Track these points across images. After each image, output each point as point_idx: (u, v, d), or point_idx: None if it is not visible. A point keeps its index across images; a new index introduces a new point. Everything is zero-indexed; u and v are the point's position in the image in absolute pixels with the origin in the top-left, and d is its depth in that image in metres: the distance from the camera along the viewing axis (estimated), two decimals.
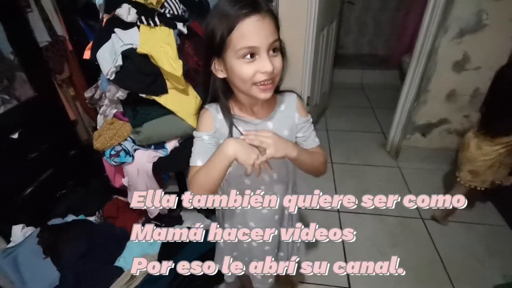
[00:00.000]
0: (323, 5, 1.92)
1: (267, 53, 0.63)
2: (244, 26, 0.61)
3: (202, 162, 0.72)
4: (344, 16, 3.61)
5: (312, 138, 0.84)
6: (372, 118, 2.76)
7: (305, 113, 0.84)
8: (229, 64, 0.65)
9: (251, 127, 0.76)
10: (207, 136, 0.74)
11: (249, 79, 0.65)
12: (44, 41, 1.52)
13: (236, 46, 0.62)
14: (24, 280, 1.21)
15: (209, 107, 0.77)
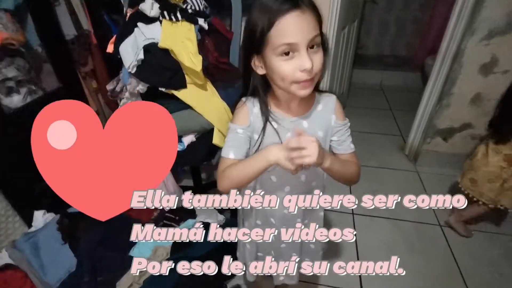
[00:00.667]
0: (345, 2, 1.89)
1: (306, 49, 0.61)
2: (283, 22, 0.60)
3: (234, 154, 0.74)
4: (365, 16, 3.54)
5: (347, 144, 0.82)
6: (391, 120, 2.70)
7: (343, 117, 0.82)
8: (269, 62, 0.65)
9: (285, 124, 0.76)
10: (241, 130, 0.75)
11: (288, 77, 0.64)
12: (70, 34, 1.57)
13: (275, 43, 0.61)
14: (43, 264, 1.26)
15: (246, 100, 0.77)
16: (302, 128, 0.77)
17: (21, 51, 1.56)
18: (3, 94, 1.49)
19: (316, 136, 0.76)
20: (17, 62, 1.53)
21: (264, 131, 0.75)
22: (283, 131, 0.76)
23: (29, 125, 1.45)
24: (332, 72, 2.08)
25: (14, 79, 1.50)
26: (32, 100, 1.45)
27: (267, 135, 0.76)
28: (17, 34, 1.48)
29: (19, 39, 1.49)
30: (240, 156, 0.75)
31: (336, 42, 1.94)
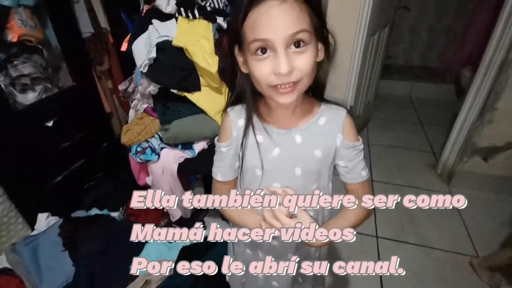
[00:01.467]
0: (377, 6, 1.75)
1: (284, 48, 0.49)
2: (255, 14, 0.48)
3: (221, 177, 0.69)
4: (395, 24, 3.36)
5: (357, 171, 0.66)
6: (421, 135, 2.50)
7: (355, 137, 0.65)
8: (246, 59, 0.54)
9: (273, 136, 0.63)
10: (225, 148, 0.66)
11: (263, 80, 0.52)
12: (87, 32, 1.53)
13: (247, 38, 0.50)
14: (40, 271, 1.19)
15: (230, 111, 0.66)
16: (294, 144, 0.63)
17: (39, 48, 1.53)
18: (17, 91, 1.46)
19: (311, 155, 0.64)
20: (34, 59, 1.50)
21: (245, 144, 0.64)
22: (268, 146, 0.64)
23: (38, 123, 1.42)
24: (359, 80, 1.93)
25: (29, 76, 1.47)
26: (42, 98, 1.41)
27: (249, 147, 0.64)
28: (36, 31, 1.45)
29: (38, 36, 1.47)
30: (228, 177, 0.70)
31: (364, 49, 1.79)
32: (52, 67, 1.58)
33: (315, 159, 0.64)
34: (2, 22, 1.37)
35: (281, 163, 0.64)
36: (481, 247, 1.49)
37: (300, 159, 0.65)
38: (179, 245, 1.34)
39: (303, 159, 0.65)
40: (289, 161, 0.64)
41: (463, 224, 1.64)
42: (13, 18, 1.38)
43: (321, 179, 0.68)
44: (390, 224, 1.66)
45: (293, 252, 0.77)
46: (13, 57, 1.42)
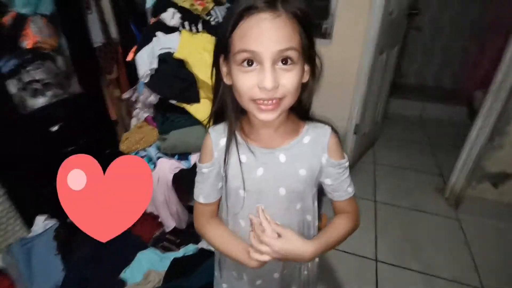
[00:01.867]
0: (386, 26, 1.75)
1: (271, 63, 0.49)
2: (247, 24, 0.48)
3: (203, 199, 0.67)
4: (408, 43, 3.35)
5: (344, 189, 0.65)
6: (429, 156, 2.43)
7: (340, 155, 0.64)
8: (231, 70, 0.53)
9: (257, 155, 0.62)
10: (206, 169, 0.64)
11: (245, 92, 0.51)
12: (98, 42, 1.59)
13: (235, 48, 0.50)
14: (32, 274, 1.19)
15: (211, 131, 0.65)
16: (278, 163, 0.62)
17: (52, 55, 1.60)
18: (28, 96, 1.52)
19: (297, 175, 0.63)
20: (47, 65, 1.56)
21: (227, 163, 0.62)
22: (252, 165, 0.62)
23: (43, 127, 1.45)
24: (366, 98, 1.91)
25: (41, 81, 1.52)
26: (49, 103, 1.45)
27: (232, 167, 0.62)
28: (50, 38, 1.52)
29: (52, 43, 1.53)
30: (210, 199, 0.67)
31: (371, 68, 1.78)
32: (64, 74, 1.64)
33: (300, 178, 0.63)
34: (19, 29, 1.43)
35: (265, 183, 0.63)
36: (487, 279, 1.41)
37: (284, 179, 0.63)
38: (171, 256, 1.33)
39: (287, 179, 0.63)
40: (273, 181, 0.63)
41: (470, 253, 1.56)
42: (29, 26, 1.45)
43: (305, 199, 0.67)
44: (391, 248, 1.60)
45: (279, 272, 0.75)
46: (26, 63, 1.48)
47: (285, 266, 0.76)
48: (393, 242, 1.64)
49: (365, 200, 1.94)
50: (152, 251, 1.35)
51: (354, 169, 2.23)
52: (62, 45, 1.57)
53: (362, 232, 1.69)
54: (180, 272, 1.24)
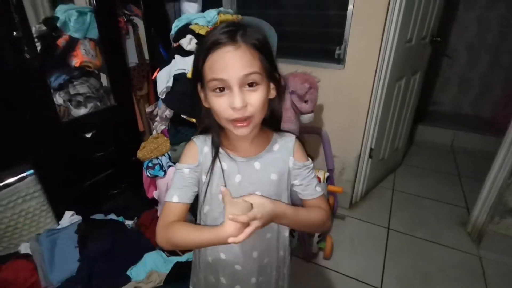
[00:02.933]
0: (403, 54, 1.76)
1: (238, 87, 0.58)
2: (214, 57, 0.58)
3: (178, 198, 0.67)
4: (442, 70, 3.26)
5: (312, 188, 0.74)
6: (456, 187, 2.30)
7: (305, 158, 0.74)
8: (206, 95, 0.63)
9: (235, 164, 0.70)
10: (188, 169, 0.69)
11: (221, 113, 0.61)
12: (133, 62, 1.81)
13: (207, 77, 0.60)
14: (53, 262, 1.35)
15: (195, 139, 0.73)
16: (254, 170, 0.70)
17: (96, 73, 1.85)
18: (73, 106, 1.76)
19: (268, 179, 0.71)
20: (90, 81, 1.81)
21: (212, 169, 0.69)
22: (232, 172, 0.70)
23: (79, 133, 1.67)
24: (382, 125, 1.90)
25: (83, 95, 1.76)
26: (86, 113, 1.67)
27: (215, 174, 0.70)
28: (95, 59, 1.77)
29: (96, 63, 1.78)
30: (185, 199, 0.68)
31: (387, 94, 1.78)
32: (103, 89, 1.88)
33: (272, 182, 0.71)
34: (70, 50, 1.69)
35: (243, 189, 0.70)
36: None
37: (259, 184, 0.71)
38: (175, 260, 1.41)
39: (262, 183, 0.71)
40: (250, 187, 0.70)
41: None
42: (79, 48, 1.71)
43: (281, 200, 0.73)
44: (399, 278, 1.54)
45: (256, 277, 0.80)
46: (73, 78, 1.73)
47: (260, 273, 0.80)
48: (402, 272, 1.57)
49: (377, 226, 1.89)
50: (158, 253, 1.45)
51: (371, 194, 2.18)
52: (104, 64, 1.82)
53: (369, 258, 1.65)
54: (180, 275, 1.32)
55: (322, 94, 1.55)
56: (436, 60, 3.03)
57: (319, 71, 1.62)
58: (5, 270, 1.27)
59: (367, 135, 1.86)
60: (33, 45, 1.38)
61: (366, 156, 1.94)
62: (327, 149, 1.79)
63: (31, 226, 1.47)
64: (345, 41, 1.65)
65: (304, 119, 1.52)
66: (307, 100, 1.47)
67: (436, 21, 2.04)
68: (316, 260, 1.64)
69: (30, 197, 1.44)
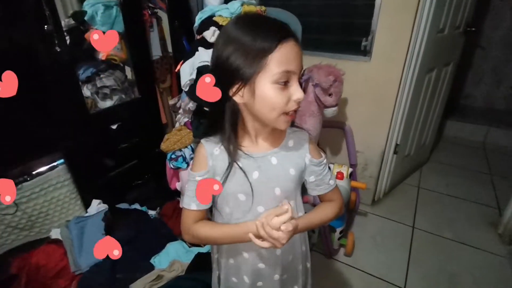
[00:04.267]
0: (435, 44, 1.68)
1: (298, 80, 0.60)
2: (285, 49, 0.58)
3: (196, 206, 0.68)
4: (474, 62, 3.08)
5: (326, 182, 0.75)
6: (487, 187, 2.18)
7: (318, 154, 0.75)
8: (260, 89, 0.59)
9: (251, 160, 0.68)
10: (200, 177, 0.68)
11: (281, 107, 0.60)
12: (156, 55, 1.83)
13: (273, 69, 0.57)
14: (82, 248, 1.41)
15: (204, 142, 0.70)
16: (270, 165, 0.69)
17: (121, 66, 1.89)
18: (99, 99, 1.81)
19: (288, 175, 0.70)
20: (116, 74, 1.85)
21: (230, 171, 0.67)
22: (249, 170, 0.68)
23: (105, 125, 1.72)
24: (408, 118, 1.82)
25: (109, 87, 1.81)
26: (112, 105, 1.71)
27: (232, 173, 0.68)
28: (121, 52, 1.81)
29: (121, 56, 1.81)
30: (202, 206, 0.69)
31: (416, 87, 1.70)
32: (128, 82, 1.92)
33: (291, 177, 0.70)
34: None
35: (261, 185, 0.69)
36: None
37: (278, 179, 0.70)
38: (196, 250, 1.44)
39: (280, 179, 0.70)
40: (268, 182, 0.69)
41: None
42: None
43: (297, 196, 0.75)
44: (424, 278, 1.49)
45: (279, 274, 0.79)
46: (100, 71, 1.78)
47: (285, 270, 0.80)
48: (427, 272, 1.52)
49: (401, 224, 1.83)
50: (180, 243, 1.48)
51: (394, 191, 2.12)
52: (129, 57, 1.86)
53: (393, 258, 1.61)
54: (202, 266, 1.34)
55: (347, 87, 1.51)
56: (469, 51, 2.87)
57: (344, 64, 1.57)
58: (37, 255, 1.34)
59: (392, 130, 1.79)
60: (63, 38, 1.42)
61: (391, 152, 1.88)
62: (350, 144, 1.75)
63: (61, 213, 1.54)
64: (372, 32, 1.59)
65: (327, 112, 1.49)
66: (332, 94, 1.44)
67: (471, 9, 1.92)
68: (337, 257, 1.62)
69: (61, 185, 1.50)
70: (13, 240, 1.41)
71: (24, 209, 1.40)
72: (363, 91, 1.72)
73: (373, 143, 1.83)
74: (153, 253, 1.43)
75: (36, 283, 1.29)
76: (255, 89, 0.59)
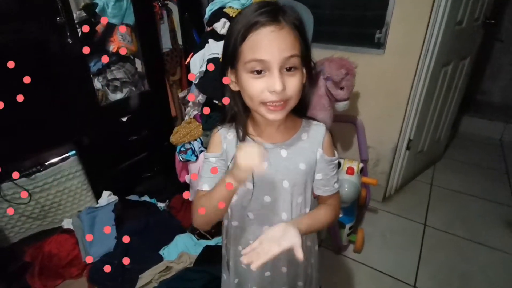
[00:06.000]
0: (452, 37, 1.62)
1: (278, 70, 0.55)
2: (255, 37, 0.54)
3: (209, 186, 0.67)
4: (493, 56, 2.97)
5: (332, 184, 0.72)
6: (503, 185, 2.11)
7: (332, 152, 0.71)
8: (240, 77, 0.59)
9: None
10: (214, 158, 0.68)
11: (256, 96, 0.57)
12: (166, 48, 1.82)
13: (245, 57, 0.55)
14: (93, 238, 1.43)
15: (221, 127, 0.71)
16: (280, 158, 0.67)
17: (132, 59, 1.89)
18: (110, 91, 1.83)
19: (297, 169, 0.68)
20: (126, 66, 1.86)
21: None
22: None
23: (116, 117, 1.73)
24: (422, 113, 1.78)
25: (120, 80, 1.82)
26: (122, 97, 1.72)
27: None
28: (131, 44, 1.81)
29: (132, 49, 1.82)
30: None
31: (431, 81, 1.65)
32: (138, 74, 1.93)
33: (300, 172, 0.68)
34: (108, 36, 1.74)
35: (270, 176, 0.68)
36: None
37: (286, 173, 0.68)
38: (204, 243, 1.44)
39: (289, 172, 0.68)
40: (276, 175, 0.68)
41: None
42: (116, 33, 1.76)
43: (307, 191, 0.72)
44: (435, 277, 1.46)
45: (286, 266, 0.79)
46: (111, 63, 1.79)
47: (290, 263, 0.79)
48: (438, 271, 1.49)
49: (413, 221, 1.80)
50: (189, 236, 1.49)
51: (406, 187, 2.07)
52: (139, 50, 1.86)
53: (403, 255, 1.58)
54: (209, 258, 1.35)
55: (359, 80, 1.46)
56: (487, 45, 2.76)
57: (357, 57, 1.53)
58: (50, 244, 1.38)
59: (406, 125, 1.75)
60: (75, 30, 1.42)
61: (404, 147, 1.84)
62: (362, 139, 1.71)
63: (73, 203, 1.57)
64: (387, 24, 1.54)
65: (338, 106, 1.46)
66: (343, 87, 1.40)
67: (490, 0, 1.84)
68: (346, 253, 1.60)
69: (73, 176, 1.52)
70: (26, 229, 1.45)
71: (37, 199, 1.43)
72: (375, 85, 1.68)
73: (385, 139, 1.79)
74: (162, 244, 1.44)
75: (49, 271, 1.33)
76: (238, 77, 0.59)
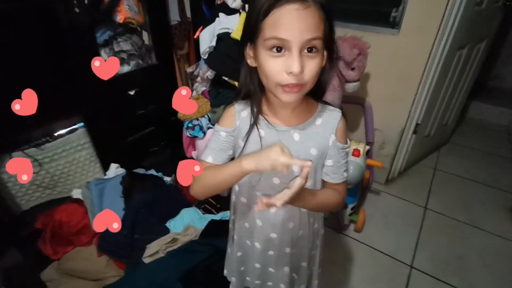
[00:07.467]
0: (470, 18, 1.56)
1: (299, 51, 0.52)
2: (278, 14, 0.51)
3: (213, 158, 0.68)
4: (508, 40, 2.87)
5: (341, 172, 0.70)
6: (508, 172, 2.12)
7: (345, 139, 0.69)
8: (258, 54, 0.57)
9: (272, 132, 0.66)
10: (225, 133, 0.68)
11: (273, 77, 0.56)
12: (174, 20, 1.78)
13: (266, 34, 0.53)
14: (102, 209, 1.47)
15: (236, 103, 0.70)
16: (292, 141, 0.66)
17: (139, 30, 1.85)
18: None
19: (308, 154, 0.67)
20: (133, 38, 1.82)
21: (249, 135, 0.66)
22: (269, 140, 0.66)
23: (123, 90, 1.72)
24: (433, 97, 1.75)
25: (127, 52, 1.78)
26: (130, 71, 1.70)
27: (251, 140, 0.67)
28: (138, 15, 1.76)
29: (139, 20, 1.77)
30: (219, 161, 0.68)
31: (444, 64, 1.61)
32: (145, 47, 1.89)
33: (311, 157, 0.68)
34: (115, 6, 1.69)
35: None
36: None
37: (297, 156, 0.68)
38: (210, 217, 1.48)
39: (300, 156, 0.67)
40: None
41: None
42: (123, 3, 1.70)
43: (317, 176, 0.72)
44: (432, 258, 1.51)
45: (290, 247, 0.81)
46: (118, 35, 1.75)
47: (294, 244, 0.81)
48: (436, 253, 1.53)
49: (414, 204, 1.82)
50: (194, 210, 1.53)
51: (410, 171, 2.09)
52: (147, 22, 1.81)
53: (401, 235, 1.62)
54: (214, 232, 1.39)
55: (371, 61, 1.44)
56: (504, 28, 2.67)
57: (371, 36, 1.49)
58: (60, 212, 1.42)
59: (415, 109, 1.73)
60: None
61: (411, 131, 1.83)
62: (369, 122, 1.71)
63: (81, 174, 1.60)
64: (404, 2, 1.48)
65: (349, 87, 1.44)
66: (354, 68, 1.38)
67: None
68: (347, 232, 1.64)
69: (81, 147, 1.54)
70: (37, 197, 1.48)
71: (47, 169, 1.46)
72: (387, 66, 1.64)
73: (392, 122, 1.78)
74: (169, 217, 1.48)
75: (59, 238, 1.37)
76: (256, 53, 0.58)
